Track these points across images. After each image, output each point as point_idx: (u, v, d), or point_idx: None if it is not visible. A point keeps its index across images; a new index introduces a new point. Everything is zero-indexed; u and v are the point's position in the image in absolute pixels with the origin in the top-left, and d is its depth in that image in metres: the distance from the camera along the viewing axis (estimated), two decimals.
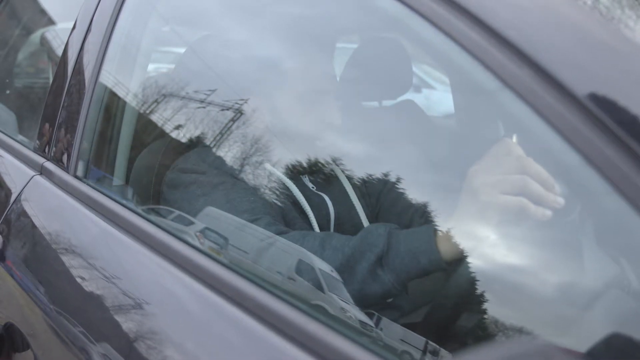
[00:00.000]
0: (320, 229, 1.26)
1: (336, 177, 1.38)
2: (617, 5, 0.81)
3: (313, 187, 1.34)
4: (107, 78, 1.34)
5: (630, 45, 0.74)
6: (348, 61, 1.84)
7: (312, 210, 1.25)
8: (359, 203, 1.36)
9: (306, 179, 1.34)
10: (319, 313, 0.92)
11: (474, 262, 0.97)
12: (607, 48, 0.71)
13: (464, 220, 0.93)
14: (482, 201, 0.88)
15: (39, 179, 1.36)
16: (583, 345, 0.65)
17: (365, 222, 1.34)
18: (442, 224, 1.00)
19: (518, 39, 0.71)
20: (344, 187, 1.37)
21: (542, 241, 0.89)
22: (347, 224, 1.32)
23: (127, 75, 1.39)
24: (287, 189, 1.26)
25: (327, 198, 1.33)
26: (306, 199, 1.27)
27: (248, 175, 1.27)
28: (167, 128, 1.38)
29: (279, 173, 1.27)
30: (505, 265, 0.90)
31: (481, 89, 0.77)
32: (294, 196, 1.26)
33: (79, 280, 1.11)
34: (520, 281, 0.87)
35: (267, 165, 1.28)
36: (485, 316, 0.90)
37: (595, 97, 0.65)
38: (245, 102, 1.31)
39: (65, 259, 1.17)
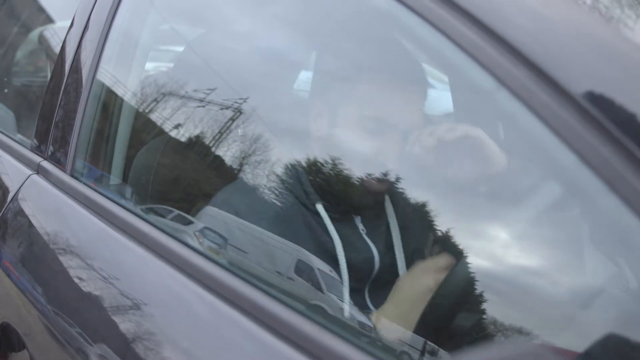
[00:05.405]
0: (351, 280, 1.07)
1: (386, 218, 1.17)
2: (615, 4, 0.81)
3: (363, 231, 1.16)
4: (105, 76, 1.33)
5: (628, 44, 0.74)
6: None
7: (351, 269, 1.07)
8: (403, 259, 1.14)
9: (358, 219, 1.16)
10: (317, 313, 0.92)
11: (471, 261, 0.97)
12: (604, 47, 0.70)
13: None
14: None
15: (36, 178, 1.35)
16: (579, 345, 0.65)
17: None
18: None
19: (514, 38, 0.71)
20: (391, 235, 1.16)
21: (538, 241, 0.89)
22: (383, 280, 1.13)
23: (124, 73, 1.38)
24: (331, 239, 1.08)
25: (375, 252, 1.13)
26: (351, 249, 1.09)
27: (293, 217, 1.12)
28: (165, 127, 1.38)
29: (329, 221, 1.09)
30: (502, 265, 0.90)
31: (478, 88, 0.77)
32: (336, 254, 1.07)
33: (76, 280, 1.11)
34: (517, 281, 0.87)
35: (319, 207, 1.10)
36: (483, 316, 0.90)
37: (591, 96, 0.65)
38: (245, 102, 1.29)
39: (62, 258, 1.17)
